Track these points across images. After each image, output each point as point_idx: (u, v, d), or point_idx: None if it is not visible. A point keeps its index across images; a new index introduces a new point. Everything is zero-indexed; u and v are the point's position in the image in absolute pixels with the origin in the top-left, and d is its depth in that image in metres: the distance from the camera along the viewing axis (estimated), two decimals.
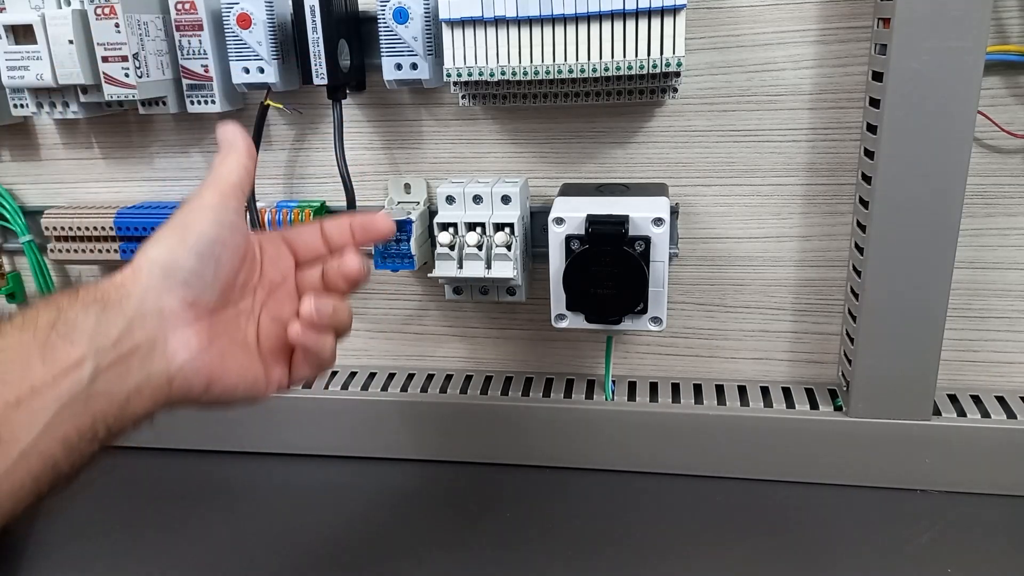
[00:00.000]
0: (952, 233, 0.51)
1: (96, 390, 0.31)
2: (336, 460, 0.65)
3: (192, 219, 0.35)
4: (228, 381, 0.35)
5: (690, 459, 0.60)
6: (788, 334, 0.61)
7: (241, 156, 0.37)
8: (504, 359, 0.66)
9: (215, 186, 0.36)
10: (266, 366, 0.38)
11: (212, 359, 0.35)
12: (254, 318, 0.38)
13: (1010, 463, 0.56)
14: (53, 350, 0.31)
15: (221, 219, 0.35)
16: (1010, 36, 0.51)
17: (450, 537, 0.56)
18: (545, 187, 0.59)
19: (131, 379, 0.32)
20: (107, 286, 0.33)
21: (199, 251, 0.34)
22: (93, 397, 0.31)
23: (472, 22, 0.50)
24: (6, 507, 0.30)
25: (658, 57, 0.49)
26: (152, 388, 0.33)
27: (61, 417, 0.30)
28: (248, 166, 0.38)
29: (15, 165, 0.67)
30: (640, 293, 0.51)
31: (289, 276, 0.40)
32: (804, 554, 0.52)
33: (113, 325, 0.32)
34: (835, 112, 0.54)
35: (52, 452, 0.30)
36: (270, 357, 0.38)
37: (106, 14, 0.53)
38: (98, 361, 0.31)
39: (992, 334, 0.58)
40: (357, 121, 0.60)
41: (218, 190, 0.36)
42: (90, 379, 0.31)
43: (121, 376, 0.32)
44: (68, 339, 0.31)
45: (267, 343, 0.38)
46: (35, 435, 0.30)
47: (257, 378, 0.37)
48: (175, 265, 0.34)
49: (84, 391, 0.31)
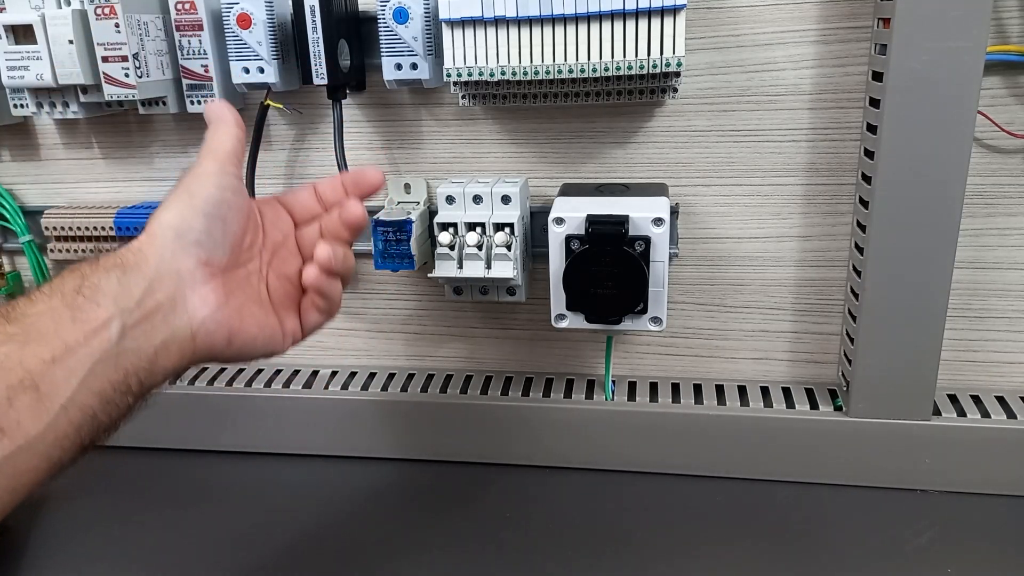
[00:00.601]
0: (952, 233, 0.51)
1: (125, 347, 0.33)
2: (336, 460, 0.65)
3: (196, 185, 0.37)
4: (248, 334, 0.38)
5: (690, 459, 0.60)
6: (788, 334, 0.61)
7: (231, 126, 0.40)
8: (504, 359, 0.66)
9: (212, 155, 0.38)
10: (280, 319, 0.40)
11: (231, 314, 0.37)
12: (263, 276, 0.40)
13: (1010, 463, 0.56)
14: (82, 311, 0.33)
15: (223, 183, 0.38)
16: (1010, 36, 0.51)
17: (450, 537, 0.56)
18: (545, 187, 0.59)
19: (157, 335, 0.34)
20: (125, 252, 0.35)
21: (207, 212, 0.37)
22: (123, 353, 0.33)
23: (472, 22, 0.50)
24: (54, 456, 0.32)
25: (658, 57, 0.49)
26: (178, 343, 0.35)
27: (95, 372, 0.32)
28: (239, 135, 0.40)
29: (15, 165, 0.67)
30: (640, 293, 0.51)
31: (289, 236, 0.42)
32: (804, 554, 0.52)
33: (135, 286, 0.34)
34: (835, 112, 0.54)
35: (90, 404, 0.32)
36: (282, 311, 0.41)
37: (106, 14, 0.53)
38: (124, 320, 0.33)
39: (992, 334, 0.58)
40: (357, 121, 0.60)
41: (215, 158, 0.38)
42: (118, 337, 0.33)
43: (147, 333, 0.34)
44: (94, 301, 0.33)
45: (277, 299, 0.41)
46: (73, 389, 0.32)
47: (274, 330, 0.40)
48: (186, 226, 0.36)
49: (114, 348, 0.33)
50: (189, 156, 0.64)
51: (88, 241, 0.63)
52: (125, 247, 0.36)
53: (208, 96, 0.57)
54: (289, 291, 0.41)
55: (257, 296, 0.40)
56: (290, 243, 0.42)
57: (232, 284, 0.38)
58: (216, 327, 0.36)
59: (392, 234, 0.57)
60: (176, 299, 0.35)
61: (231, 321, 0.37)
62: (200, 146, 0.39)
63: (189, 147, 0.63)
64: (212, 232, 0.37)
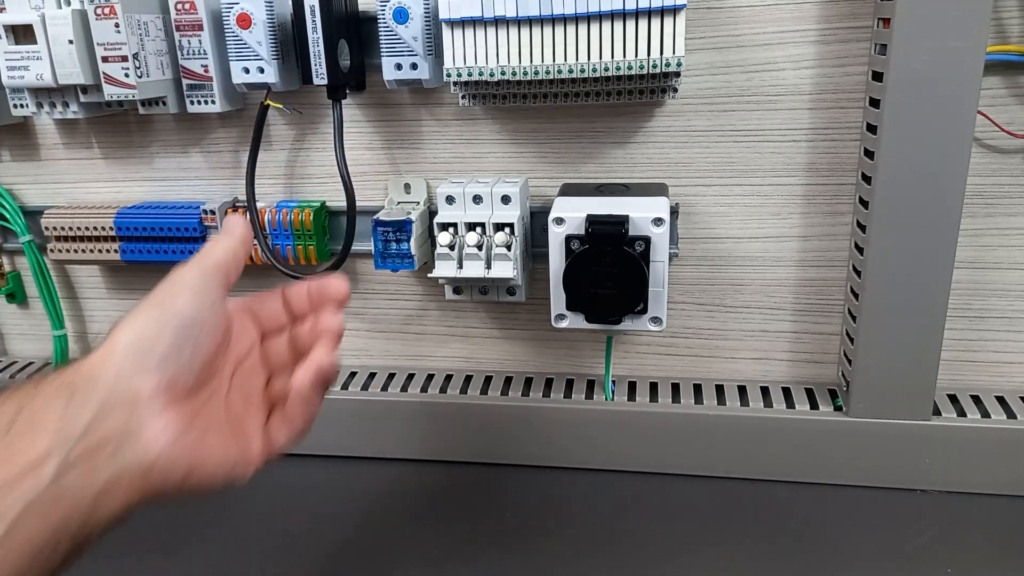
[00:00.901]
0: (952, 233, 0.51)
1: (63, 487, 0.29)
2: (335, 460, 0.65)
3: (171, 297, 0.33)
4: (209, 467, 0.33)
5: (690, 459, 0.60)
6: (788, 334, 0.61)
7: (234, 240, 0.37)
8: (504, 359, 0.66)
9: (198, 264, 0.35)
10: (244, 444, 0.35)
11: (191, 445, 0.32)
12: (225, 395, 0.36)
13: (1010, 463, 0.56)
14: (14, 447, 0.29)
15: (201, 299, 0.34)
16: (1010, 36, 0.51)
17: (449, 537, 0.56)
18: (545, 187, 0.59)
19: (102, 473, 0.30)
20: (76, 370, 0.31)
21: (177, 330, 0.32)
22: (60, 496, 0.29)
23: (472, 22, 0.50)
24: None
25: (658, 57, 0.49)
26: (127, 481, 0.30)
27: (23, 521, 0.28)
28: (238, 251, 0.36)
29: (15, 165, 0.67)
30: (640, 293, 0.51)
31: (255, 348, 0.39)
32: (804, 554, 0.52)
33: (82, 414, 0.30)
34: (835, 112, 0.54)
35: (17, 558, 0.28)
36: (245, 434, 0.36)
37: (106, 14, 0.53)
38: (64, 455, 0.29)
39: (992, 334, 0.58)
40: (357, 121, 0.60)
41: (201, 269, 0.35)
42: (54, 476, 0.29)
43: (91, 471, 0.29)
44: (29, 435, 0.29)
45: (240, 420, 0.36)
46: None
47: (238, 458, 0.35)
48: (150, 344, 0.32)
49: (49, 489, 0.28)
50: (189, 156, 0.64)
51: (88, 241, 0.63)
52: (78, 362, 0.31)
53: (208, 96, 0.57)
54: (254, 410, 0.37)
55: (220, 420, 0.35)
56: (255, 356, 0.39)
57: (195, 409, 0.33)
58: (173, 462, 0.31)
59: (392, 234, 0.57)
60: (130, 429, 0.30)
61: (191, 454, 0.32)
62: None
63: (189, 147, 0.63)
64: (180, 353, 0.32)
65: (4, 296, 0.71)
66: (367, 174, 0.61)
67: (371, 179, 0.62)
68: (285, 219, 0.60)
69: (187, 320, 0.33)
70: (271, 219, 0.60)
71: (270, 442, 0.37)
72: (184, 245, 0.62)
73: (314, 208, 0.60)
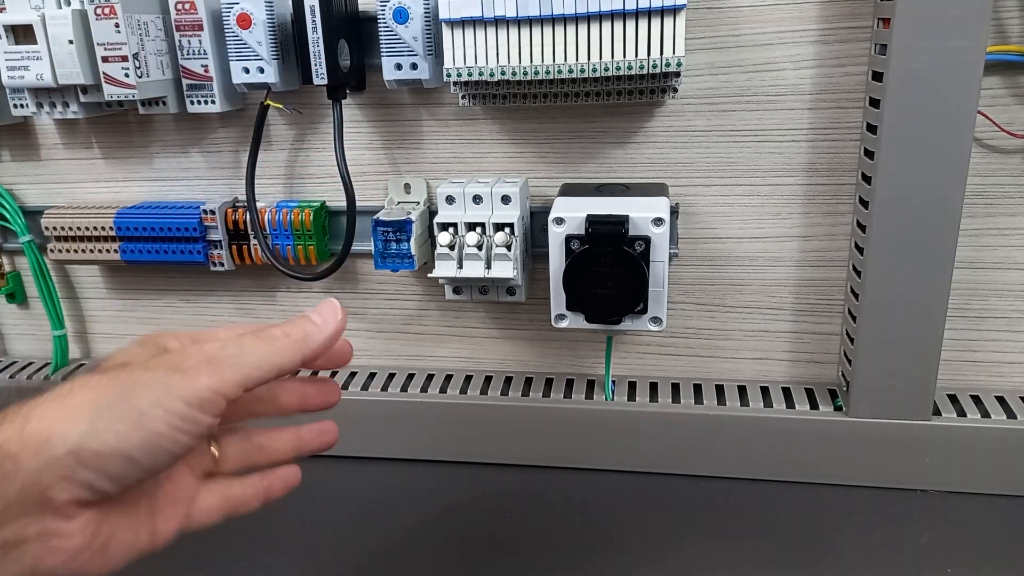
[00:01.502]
0: (952, 233, 0.51)
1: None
2: (335, 460, 0.65)
3: (151, 406, 0.27)
4: (105, 568, 0.28)
5: (690, 459, 0.60)
6: (788, 334, 0.61)
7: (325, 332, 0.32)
8: (504, 359, 0.66)
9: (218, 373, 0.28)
10: (154, 522, 0.31)
11: (93, 555, 0.27)
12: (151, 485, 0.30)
13: (1010, 463, 0.56)
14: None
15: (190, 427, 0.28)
16: (1010, 36, 0.51)
17: (449, 537, 0.56)
18: (545, 187, 0.59)
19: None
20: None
21: (134, 454, 0.26)
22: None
23: (472, 22, 0.50)
24: None
25: (658, 57, 0.49)
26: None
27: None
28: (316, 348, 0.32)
29: (15, 165, 0.67)
30: (640, 293, 0.51)
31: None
32: (804, 554, 0.52)
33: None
34: (835, 112, 0.54)
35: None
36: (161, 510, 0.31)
37: (106, 14, 0.53)
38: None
39: (992, 334, 0.58)
40: (357, 121, 0.60)
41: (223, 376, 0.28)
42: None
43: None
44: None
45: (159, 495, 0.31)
46: None
47: (143, 543, 0.30)
48: (95, 463, 0.26)
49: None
50: (189, 156, 0.64)
51: (88, 241, 0.63)
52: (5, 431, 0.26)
53: (208, 96, 0.57)
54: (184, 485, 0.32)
55: (135, 511, 0.30)
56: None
57: (108, 507, 0.28)
58: (73, 570, 0.27)
59: (392, 234, 0.57)
60: (27, 538, 0.25)
61: (91, 564, 0.27)
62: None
63: (189, 147, 0.63)
64: (124, 478, 0.27)
65: (4, 296, 0.71)
66: (367, 174, 0.61)
67: (371, 179, 0.62)
68: (285, 219, 0.60)
69: (153, 448, 0.27)
70: (271, 219, 0.60)
71: (193, 516, 0.33)
72: (184, 245, 0.61)
73: (314, 208, 0.60)
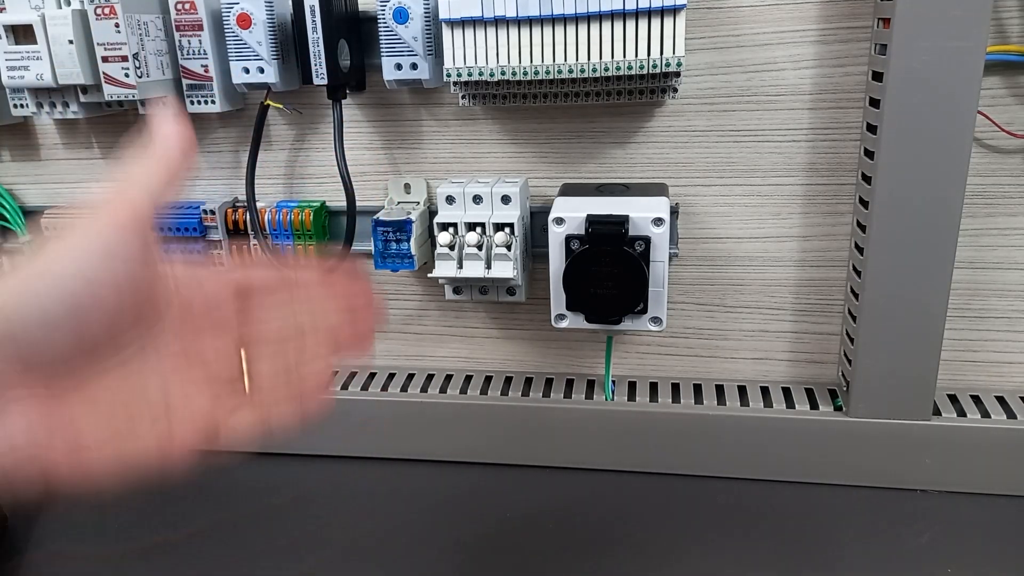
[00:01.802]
0: (952, 233, 0.51)
1: None
2: (334, 460, 0.65)
3: (57, 258, 0.25)
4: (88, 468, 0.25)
5: (690, 459, 0.60)
6: (788, 334, 0.61)
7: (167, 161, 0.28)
8: (504, 359, 0.66)
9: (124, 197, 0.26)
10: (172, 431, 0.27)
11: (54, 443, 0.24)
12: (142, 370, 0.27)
13: (1010, 463, 0.56)
14: None
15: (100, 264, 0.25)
16: (1010, 36, 0.51)
17: (449, 537, 0.56)
18: (545, 187, 0.59)
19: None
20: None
21: (55, 307, 0.24)
22: None
23: (472, 22, 0.50)
24: None
25: (658, 57, 0.49)
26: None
27: None
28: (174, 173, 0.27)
29: (15, 165, 0.67)
30: (640, 293, 0.51)
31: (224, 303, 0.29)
32: (804, 554, 0.52)
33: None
34: (835, 112, 0.54)
35: None
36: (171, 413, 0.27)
37: (106, 14, 0.53)
38: None
39: (992, 334, 0.58)
40: (357, 121, 0.60)
41: (129, 204, 0.26)
42: None
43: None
44: None
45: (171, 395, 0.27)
46: None
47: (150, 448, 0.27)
48: (11, 324, 0.23)
49: None
50: None
51: None
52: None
53: (208, 96, 0.57)
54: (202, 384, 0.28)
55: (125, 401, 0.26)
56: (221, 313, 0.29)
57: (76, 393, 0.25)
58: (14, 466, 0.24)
59: (392, 234, 0.57)
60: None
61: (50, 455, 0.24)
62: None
63: None
64: (54, 337, 0.24)
65: None
66: (367, 174, 0.61)
67: (371, 179, 0.62)
68: (285, 219, 0.60)
69: (74, 291, 0.24)
70: (271, 219, 0.60)
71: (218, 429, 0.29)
72: (184, 245, 0.62)
73: (314, 208, 0.60)
